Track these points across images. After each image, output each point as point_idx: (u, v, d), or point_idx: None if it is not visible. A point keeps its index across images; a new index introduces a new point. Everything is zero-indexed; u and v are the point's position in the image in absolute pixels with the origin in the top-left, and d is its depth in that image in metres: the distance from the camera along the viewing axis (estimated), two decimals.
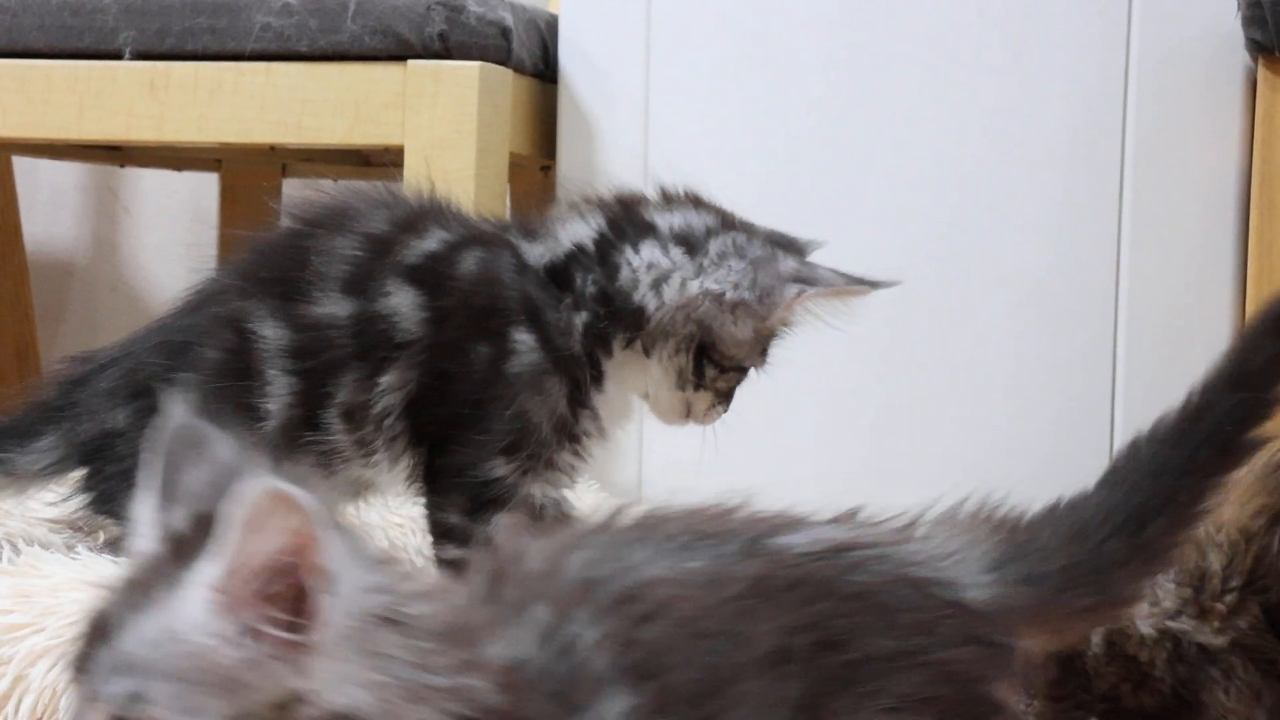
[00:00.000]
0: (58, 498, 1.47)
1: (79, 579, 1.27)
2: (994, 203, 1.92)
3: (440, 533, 1.36)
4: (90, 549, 1.38)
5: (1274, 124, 1.70)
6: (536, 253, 1.38)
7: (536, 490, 1.35)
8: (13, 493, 1.45)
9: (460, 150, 1.88)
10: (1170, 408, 0.94)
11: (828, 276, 1.38)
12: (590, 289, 1.35)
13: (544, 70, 2.07)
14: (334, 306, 1.36)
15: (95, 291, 2.87)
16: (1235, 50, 1.81)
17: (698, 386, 1.38)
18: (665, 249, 1.36)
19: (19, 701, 1.19)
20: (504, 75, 1.95)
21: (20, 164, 2.62)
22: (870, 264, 1.95)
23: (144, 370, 1.40)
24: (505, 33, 1.94)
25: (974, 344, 1.93)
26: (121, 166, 2.71)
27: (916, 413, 1.95)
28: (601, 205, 1.40)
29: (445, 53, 1.91)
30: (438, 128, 1.89)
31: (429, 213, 1.42)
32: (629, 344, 1.36)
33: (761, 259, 1.37)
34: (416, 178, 1.81)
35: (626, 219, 1.39)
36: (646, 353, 1.36)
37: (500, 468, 1.33)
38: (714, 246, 1.37)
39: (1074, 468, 1.89)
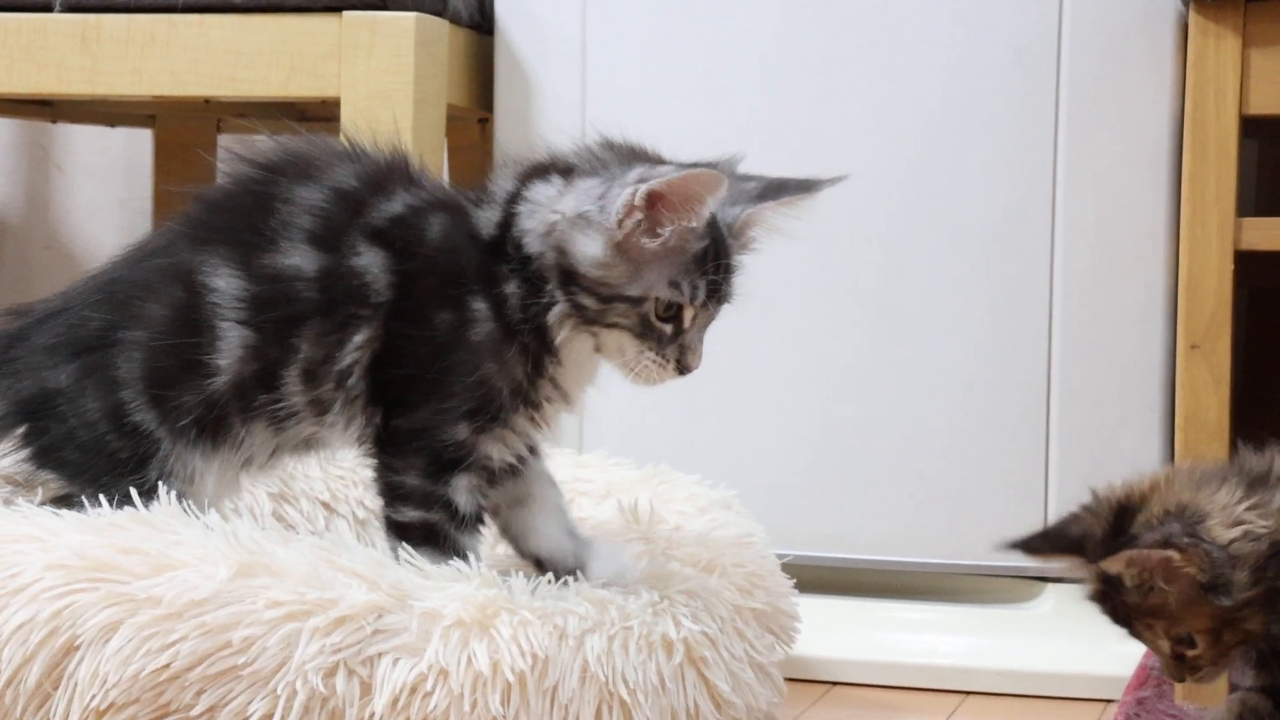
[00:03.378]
0: None
1: (20, 532, 1.27)
2: (931, 150, 1.93)
3: (397, 495, 1.35)
4: (30, 502, 1.37)
5: (1205, 69, 1.72)
6: (484, 219, 1.36)
7: (494, 451, 1.35)
8: None
9: (397, 102, 1.87)
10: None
11: (664, 170, 1.29)
12: (512, 251, 1.33)
13: (481, 22, 2.06)
14: (299, 258, 1.34)
15: (28, 250, 2.84)
16: None
17: (591, 321, 1.31)
18: (551, 186, 1.33)
19: None
20: (440, 26, 1.94)
21: None
22: (809, 219, 1.96)
23: (86, 326, 1.38)
24: None
25: (911, 297, 1.94)
26: (53, 122, 2.67)
27: (855, 369, 1.96)
28: (524, 163, 1.37)
29: (381, 3, 1.90)
30: (374, 79, 1.88)
31: (394, 172, 1.39)
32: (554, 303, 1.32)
33: (617, 174, 1.31)
34: (353, 130, 1.80)
35: (535, 170, 1.35)
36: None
37: (462, 431, 1.32)
38: (584, 171, 1.32)
39: (1008, 404, 1.92)
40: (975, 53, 1.91)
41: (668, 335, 1.31)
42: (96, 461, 1.36)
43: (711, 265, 1.32)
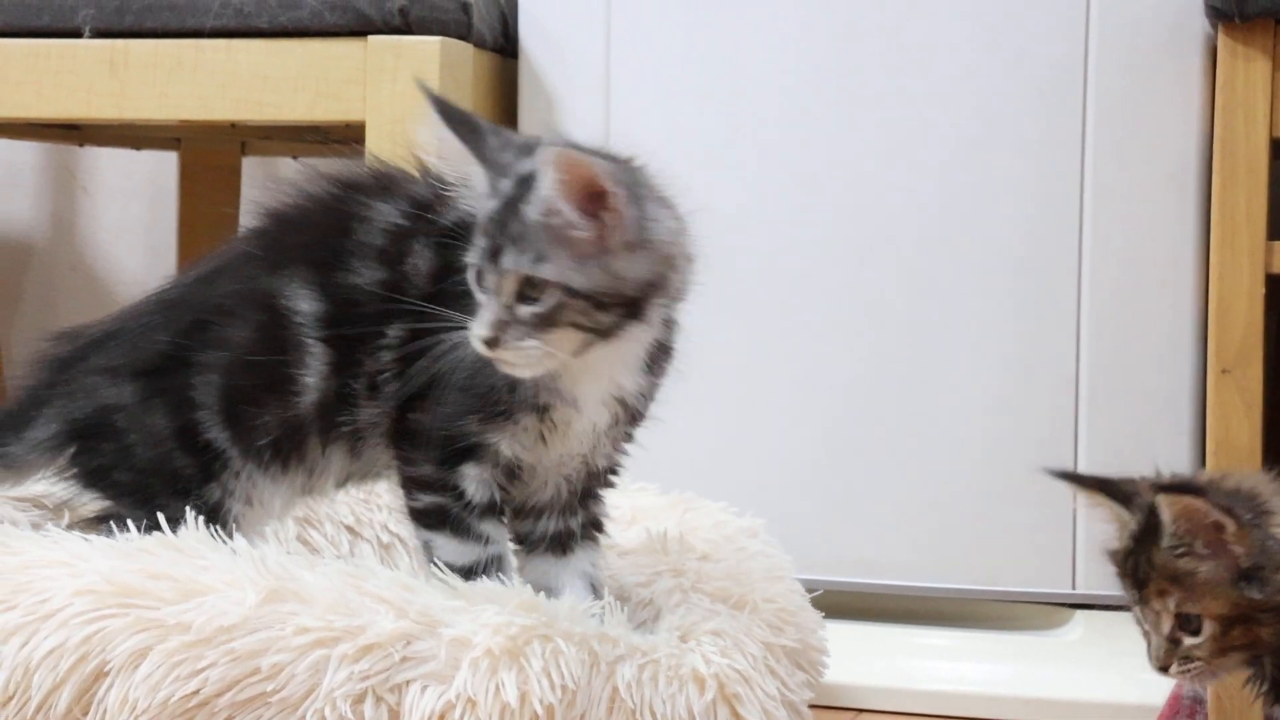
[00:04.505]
0: None
1: (49, 557, 1.26)
2: (956, 174, 1.92)
3: (413, 482, 1.37)
4: (59, 527, 1.37)
5: (1234, 91, 1.71)
6: None
7: (504, 445, 1.35)
8: (12, 483, 1.45)
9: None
10: None
11: None
12: None
13: (504, 45, 2.07)
14: (368, 274, 1.36)
15: (54, 271, 2.85)
16: (1195, 17, 1.82)
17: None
18: None
19: None
20: (465, 50, 1.94)
21: None
22: (835, 242, 1.96)
23: (151, 347, 1.39)
24: (465, 7, 1.94)
25: (936, 320, 1.93)
26: (80, 145, 2.69)
27: (879, 390, 1.95)
28: None
29: (406, 28, 1.90)
30: (399, 103, 1.89)
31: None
32: None
33: None
34: (378, 154, 1.81)
35: None
36: None
37: (472, 423, 1.34)
38: None
39: (1035, 427, 1.91)
40: (1001, 73, 1.90)
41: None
42: (152, 481, 1.37)
43: (495, 225, 1.28)
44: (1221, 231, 1.72)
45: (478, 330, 1.27)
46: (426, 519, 1.36)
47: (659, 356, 1.37)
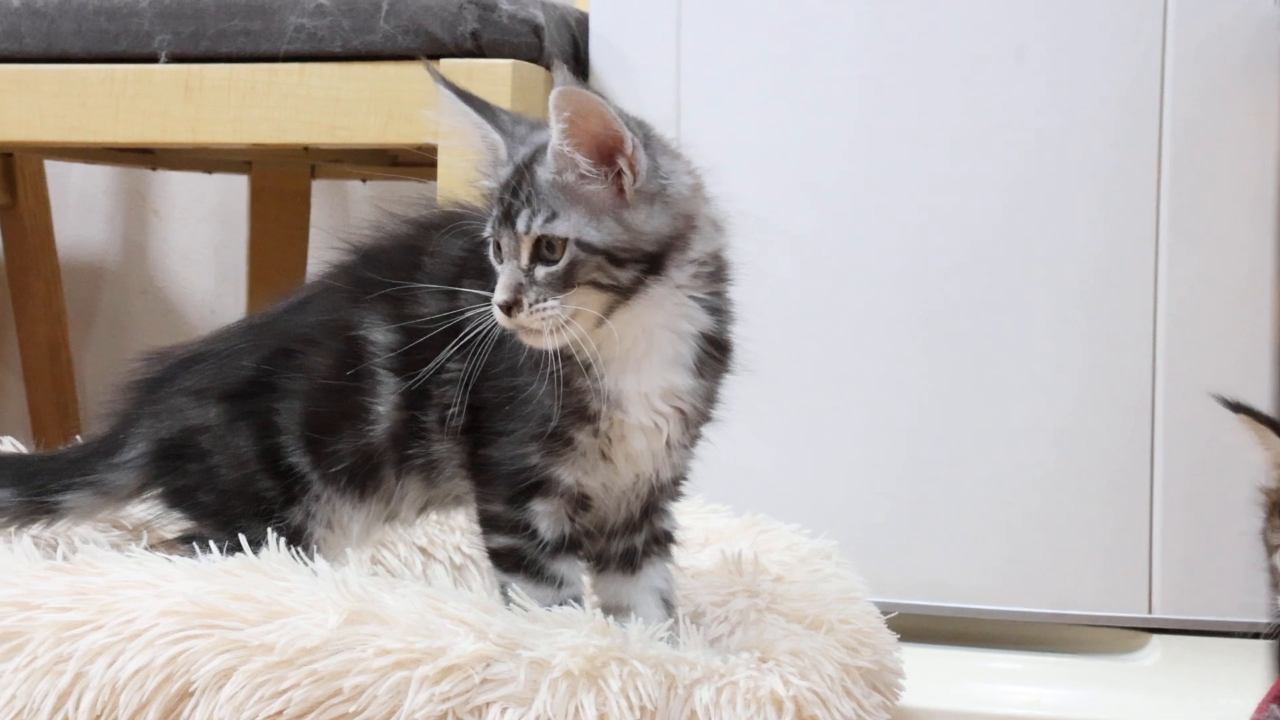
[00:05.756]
0: None
1: (134, 578, 1.27)
2: (1031, 193, 1.92)
3: (487, 521, 1.37)
4: (141, 548, 1.38)
5: None
6: None
7: (566, 476, 1.34)
8: (111, 509, 1.47)
9: None
10: None
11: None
12: None
13: (575, 67, 2.07)
14: (435, 304, 1.36)
15: (125, 294, 2.88)
16: (1273, 34, 1.81)
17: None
18: None
19: (79, 698, 1.19)
20: (536, 73, 1.95)
21: (51, 168, 2.63)
22: (908, 263, 1.95)
23: (238, 372, 1.41)
24: (537, 30, 1.95)
25: (1010, 341, 1.93)
26: (154, 169, 2.71)
27: (953, 411, 1.95)
28: None
29: (478, 51, 1.91)
30: None
31: None
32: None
33: None
34: (449, 178, 1.82)
35: None
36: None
37: (533, 455, 1.33)
38: None
39: (1110, 456, 1.90)
40: (1077, 91, 1.90)
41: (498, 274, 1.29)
42: (235, 503, 1.39)
43: (508, 190, 1.29)
44: None
45: (496, 296, 1.25)
46: (502, 562, 1.36)
47: (710, 354, 1.34)
